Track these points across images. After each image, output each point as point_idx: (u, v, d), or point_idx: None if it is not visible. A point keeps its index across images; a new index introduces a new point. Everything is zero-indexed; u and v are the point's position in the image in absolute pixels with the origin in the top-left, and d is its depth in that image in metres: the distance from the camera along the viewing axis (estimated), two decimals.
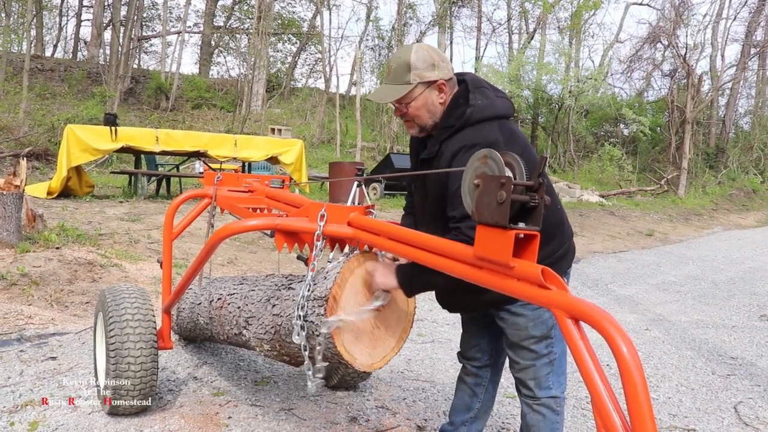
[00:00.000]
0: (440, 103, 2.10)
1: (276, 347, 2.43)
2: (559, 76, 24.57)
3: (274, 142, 12.57)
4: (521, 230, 1.35)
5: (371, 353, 2.13)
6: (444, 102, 2.10)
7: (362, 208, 2.21)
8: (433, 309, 5.43)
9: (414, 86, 2.05)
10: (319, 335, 2.08)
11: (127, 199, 10.14)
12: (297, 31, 31.34)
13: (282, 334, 2.33)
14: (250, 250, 7.29)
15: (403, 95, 2.07)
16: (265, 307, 2.49)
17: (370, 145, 21.87)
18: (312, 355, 2.12)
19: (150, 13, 32.51)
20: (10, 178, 5.72)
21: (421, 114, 2.10)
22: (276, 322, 2.38)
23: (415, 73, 2.05)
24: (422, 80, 2.06)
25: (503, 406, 3.35)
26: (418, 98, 2.07)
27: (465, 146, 1.95)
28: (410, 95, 2.07)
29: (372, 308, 2.12)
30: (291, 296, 2.34)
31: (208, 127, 20.64)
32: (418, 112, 2.10)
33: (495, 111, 2.06)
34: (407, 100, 2.08)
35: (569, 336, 1.25)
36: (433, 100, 2.08)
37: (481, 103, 2.05)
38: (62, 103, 18.90)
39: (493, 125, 2.01)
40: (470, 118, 2.02)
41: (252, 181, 3.31)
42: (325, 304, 2.04)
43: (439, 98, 2.09)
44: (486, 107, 2.05)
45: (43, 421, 2.82)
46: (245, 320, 2.61)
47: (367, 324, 2.12)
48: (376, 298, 2.12)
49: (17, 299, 4.67)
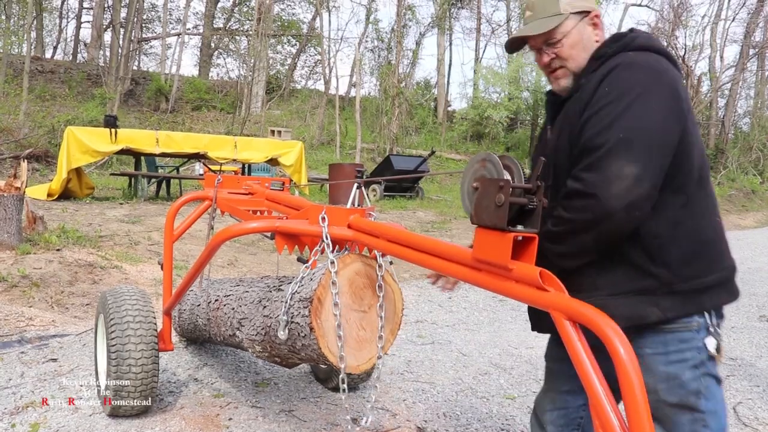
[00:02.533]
0: (596, 41, 1.68)
1: (267, 348, 2.43)
2: None
3: (274, 144, 12.58)
4: (520, 233, 1.36)
5: (356, 355, 2.11)
6: (600, 41, 1.68)
7: (362, 210, 2.22)
8: (433, 311, 5.44)
9: (566, 17, 1.66)
10: (304, 337, 2.08)
11: (128, 201, 10.15)
12: (296, 33, 31.37)
13: (271, 335, 2.34)
14: (251, 251, 7.30)
15: (553, 27, 1.66)
16: (257, 308, 2.50)
17: (369, 147, 21.87)
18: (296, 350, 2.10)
19: (150, 15, 32.55)
20: (11, 180, 5.73)
21: (577, 54, 1.67)
22: (266, 323, 2.39)
23: (566, 1, 1.66)
24: (575, 10, 1.66)
25: (503, 407, 3.36)
26: (572, 32, 1.66)
27: (620, 65, 1.53)
28: (562, 28, 1.66)
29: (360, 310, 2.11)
30: (280, 297, 2.34)
31: (207, 128, 20.66)
32: (573, 51, 1.67)
33: (661, 47, 1.62)
34: (557, 35, 1.67)
35: (567, 338, 1.26)
36: (589, 35, 1.68)
37: (649, 35, 1.65)
38: (62, 105, 18.91)
39: (653, 55, 1.57)
40: (632, 43, 1.60)
41: (252, 183, 3.32)
42: (310, 305, 2.04)
43: (594, 35, 1.69)
44: (655, 40, 1.64)
45: (44, 423, 2.83)
46: (238, 321, 2.63)
47: (352, 324, 2.11)
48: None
49: (18, 301, 4.67)
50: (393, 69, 22.20)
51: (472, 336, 4.75)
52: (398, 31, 22.97)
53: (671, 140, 1.46)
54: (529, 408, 3.37)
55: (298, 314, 2.10)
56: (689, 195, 1.54)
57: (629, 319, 1.48)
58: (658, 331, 1.53)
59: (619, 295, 1.53)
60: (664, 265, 1.51)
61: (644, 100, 1.45)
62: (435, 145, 22.30)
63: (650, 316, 1.50)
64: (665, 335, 1.53)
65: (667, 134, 1.45)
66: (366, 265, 2.13)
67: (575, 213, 1.46)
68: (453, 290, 2.01)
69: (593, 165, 1.44)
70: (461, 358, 4.17)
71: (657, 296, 1.51)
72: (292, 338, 2.16)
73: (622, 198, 1.39)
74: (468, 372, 3.90)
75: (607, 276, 1.55)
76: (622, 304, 1.51)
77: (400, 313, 2.22)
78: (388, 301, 2.17)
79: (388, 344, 2.19)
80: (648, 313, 1.50)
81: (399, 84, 21.85)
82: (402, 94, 21.98)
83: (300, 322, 2.09)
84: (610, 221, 1.41)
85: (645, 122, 1.43)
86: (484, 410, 3.32)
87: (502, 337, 4.76)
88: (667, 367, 1.52)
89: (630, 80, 1.49)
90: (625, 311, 1.49)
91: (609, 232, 1.44)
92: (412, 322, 5.02)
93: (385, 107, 21.87)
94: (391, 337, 2.19)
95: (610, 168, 1.40)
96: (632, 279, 1.52)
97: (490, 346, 4.48)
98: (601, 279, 1.55)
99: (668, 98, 1.48)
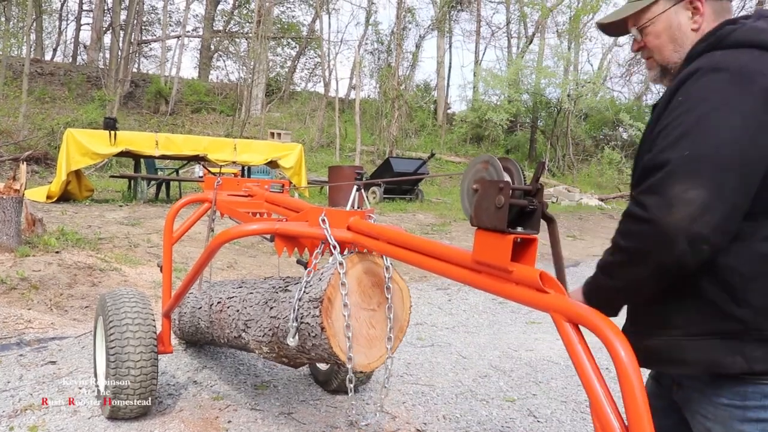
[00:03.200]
0: (693, 30, 1.43)
1: (275, 349, 2.44)
2: (557, 80, 24.63)
3: (274, 146, 12.59)
4: (519, 234, 1.36)
5: (367, 353, 2.13)
6: (699, 29, 1.42)
7: (362, 212, 2.21)
8: (433, 313, 5.44)
9: (653, 0, 1.45)
10: (315, 336, 2.08)
11: (127, 203, 10.15)
12: (296, 35, 31.41)
13: (279, 336, 2.34)
14: (250, 254, 7.30)
15: (636, 12, 1.47)
16: (263, 309, 2.50)
17: (369, 149, 21.89)
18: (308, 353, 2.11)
19: (150, 17, 32.59)
20: (10, 182, 5.72)
21: (662, 45, 1.46)
22: (274, 324, 2.39)
23: None
24: None
25: (503, 410, 3.35)
26: (660, 18, 1.45)
27: (701, 69, 1.28)
28: (649, 13, 1.46)
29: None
30: (288, 298, 2.34)
31: (207, 131, 20.68)
32: (658, 41, 1.46)
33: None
34: (642, 20, 1.47)
35: (567, 340, 1.26)
36: (681, 23, 1.43)
37: (761, 26, 1.34)
38: (62, 107, 18.92)
39: (754, 52, 1.28)
40: (725, 39, 1.34)
41: (252, 185, 3.32)
42: (320, 305, 2.04)
43: (691, 22, 1.43)
44: (763, 31, 1.32)
45: (42, 426, 2.82)
46: (244, 323, 2.63)
47: (363, 324, 2.12)
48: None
49: (17, 303, 4.67)
50: (393, 71, 22.24)
51: (471, 338, 4.75)
52: (398, 33, 23.00)
53: (756, 159, 1.20)
54: (528, 410, 3.37)
55: (308, 314, 2.10)
56: None
57: (708, 366, 1.27)
58: (740, 381, 1.26)
59: (696, 336, 1.29)
60: (749, 306, 1.24)
61: (722, 113, 1.21)
62: (435, 147, 22.31)
63: (732, 366, 1.24)
64: (746, 387, 1.26)
65: (749, 152, 1.19)
66: (372, 264, 2.15)
67: (630, 240, 1.25)
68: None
69: (654, 186, 1.21)
70: (461, 361, 4.16)
71: (743, 342, 1.24)
72: (302, 338, 2.17)
73: (685, 227, 1.16)
74: (468, 374, 3.89)
75: (681, 313, 1.31)
76: (701, 347, 1.28)
77: (408, 310, 2.24)
78: (396, 299, 2.18)
79: (397, 342, 2.20)
80: (729, 361, 1.24)
81: (399, 86, 21.87)
82: (402, 96, 22.00)
83: (310, 322, 2.09)
84: (669, 253, 1.19)
85: (720, 138, 1.19)
86: (483, 413, 3.31)
87: (501, 339, 4.76)
88: (742, 425, 1.26)
89: (707, 88, 1.25)
90: (702, 356, 1.27)
91: (668, 267, 1.21)
92: (411, 325, 5.01)
93: (384, 110, 21.90)
94: (400, 335, 2.21)
95: (672, 190, 1.18)
96: (711, 320, 1.28)
97: (489, 349, 4.47)
98: (675, 316, 1.32)
99: (756, 108, 1.21)
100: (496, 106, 24.72)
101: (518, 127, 28.05)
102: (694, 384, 1.34)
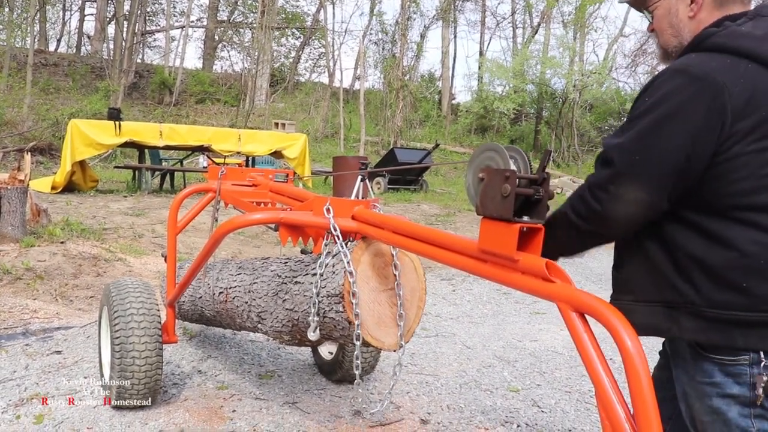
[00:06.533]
0: (689, 18, 1.46)
1: (297, 337, 2.47)
2: (563, 71, 24.50)
3: (278, 137, 12.58)
4: (525, 223, 1.35)
5: (395, 332, 2.16)
6: (695, 17, 1.45)
7: (367, 201, 2.20)
8: (437, 303, 5.43)
9: None
10: (342, 329, 2.10)
11: (131, 194, 10.17)
12: (301, 26, 31.32)
13: (301, 327, 2.35)
14: (254, 244, 7.30)
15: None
16: (275, 301, 2.49)
17: (373, 140, 21.87)
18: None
19: (153, 7, 32.51)
20: (15, 172, 5.74)
21: (663, 28, 1.51)
22: (292, 317, 2.39)
23: None
24: None
25: (507, 400, 3.36)
26: (661, 3, 1.49)
27: (669, 71, 1.35)
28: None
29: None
30: (301, 291, 2.33)
31: (211, 121, 20.68)
32: (660, 25, 1.51)
33: (751, 46, 1.32)
34: (649, 2, 1.52)
35: (574, 329, 1.25)
36: (678, 9, 1.47)
37: (742, 30, 1.36)
38: (66, 98, 18.95)
39: (725, 59, 1.32)
40: (702, 42, 1.39)
41: (256, 175, 3.31)
42: (342, 300, 2.05)
43: (688, 9, 1.45)
44: (742, 36, 1.34)
45: (48, 415, 2.83)
46: (257, 315, 2.61)
47: (384, 305, 2.14)
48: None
49: (22, 293, 4.69)
50: (397, 62, 22.16)
51: (476, 329, 4.75)
52: (402, 23, 22.89)
53: (695, 164, 1.30)
54: (532, 400, 3.37)
55: (330, 310, 2.12)
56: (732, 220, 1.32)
57: (645, 329, 1.38)
58: (706, 359, 1.36)
59: (644, 302, 1.43)
60: (693, 285, 1.35)
61: (675, 122, 1.29)
62: (439, 137, 22.27)
63: (667, 332, 1.40)
64: (712, 365, 1.35)
65: (691, 159, 1.29)
66: (378, 245, 2.17)
67: (581, 221, 1.43)
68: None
69: (604, 184, 1.37)
70: (465, 351, 4.16)
71: (680, 313, 1.37)
72: (327, 330, 2.19)
73: (628, 217, 1.37)
74: (472, 364, 3.90)
75: (638, 283, 1.45)
76: (645, 312, 1.41)
77: (422, 277, 2.29)
78: (409, 272, 2.23)
79: (420, 312, 2.27)
80: (665, 327, 1.39)
81: (403, 77, 21.81)
82: (406, 86, 21.95)
83: (334, 317, 2.11)
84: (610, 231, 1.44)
85: (669, 146, 1.29)
86: (487, 403, 3.32)
87: (506, 329, 4.76)
88: (712, 401, 1.36)
89: (671, 92, 1.31)
90: (644, 320, 1.39)
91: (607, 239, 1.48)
92: None
93: (389, 100, 21.86)
94: (421, 305, 2.27)
95: (619, 190, 1.34)
96: (660, 290, 1.40)
97: (493, 339, 4.47)
98: (632, 284, 1.47)
99: (710, 119, 1.27)
100: (502, 96, 24.64)
101: (523, 118, 27.98)
102: (679, 363, 1.47)
